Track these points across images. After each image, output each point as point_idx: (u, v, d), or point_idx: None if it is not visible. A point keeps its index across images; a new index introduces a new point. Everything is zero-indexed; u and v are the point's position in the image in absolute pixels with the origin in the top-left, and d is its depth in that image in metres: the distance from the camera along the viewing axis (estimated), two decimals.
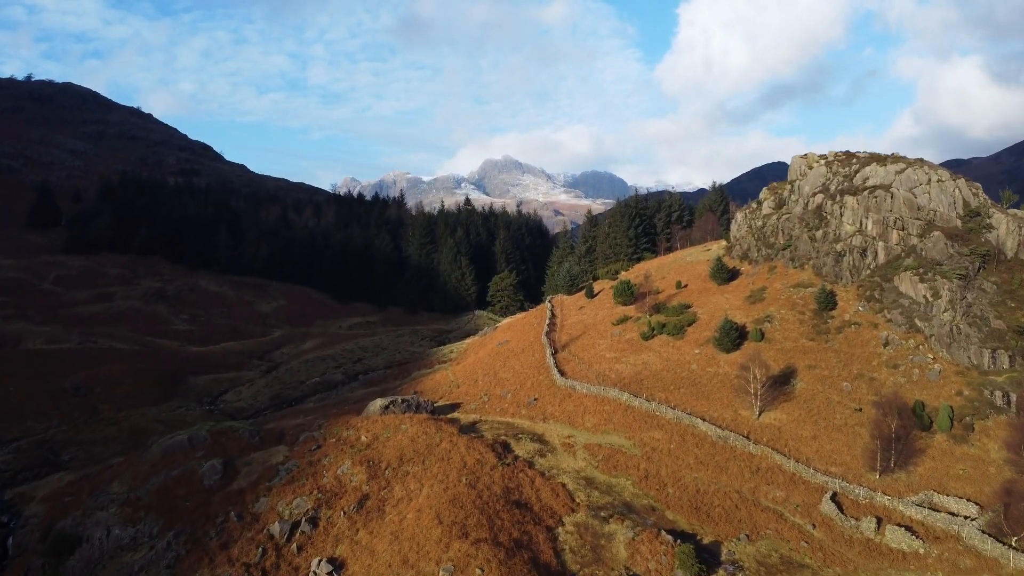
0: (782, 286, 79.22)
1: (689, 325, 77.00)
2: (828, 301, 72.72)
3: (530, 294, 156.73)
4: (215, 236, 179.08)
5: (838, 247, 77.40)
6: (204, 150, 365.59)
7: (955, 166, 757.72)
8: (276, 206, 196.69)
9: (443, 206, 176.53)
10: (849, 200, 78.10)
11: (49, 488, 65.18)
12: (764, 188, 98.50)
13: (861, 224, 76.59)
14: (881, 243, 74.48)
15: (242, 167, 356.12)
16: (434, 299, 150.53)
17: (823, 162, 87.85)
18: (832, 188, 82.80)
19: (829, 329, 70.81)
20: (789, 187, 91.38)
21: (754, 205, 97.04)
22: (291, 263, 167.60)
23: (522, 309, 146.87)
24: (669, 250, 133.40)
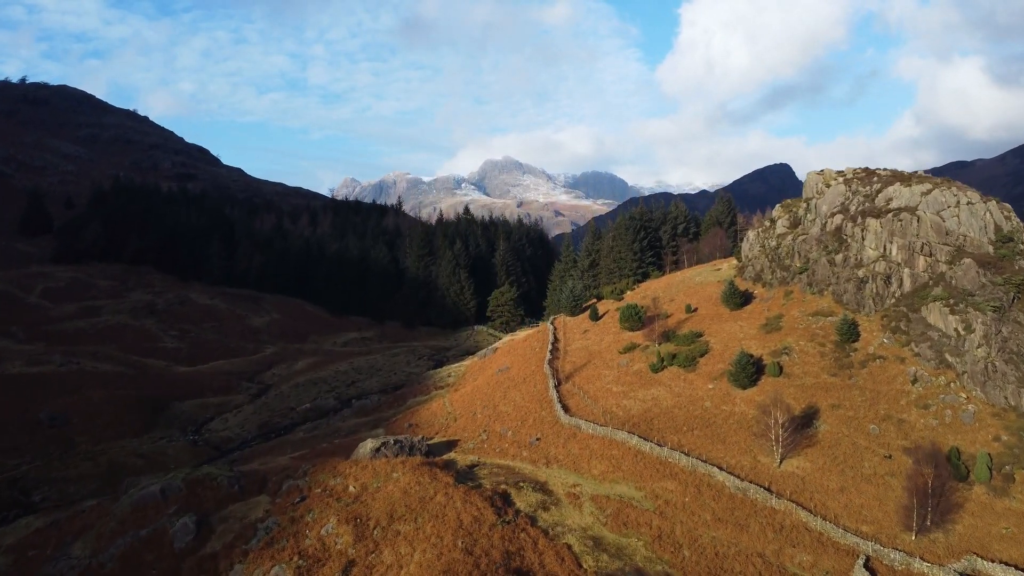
0: (800, 314, 74.52)
1: (701, 356, 72.33)
2: (850, 332, 68.04)
3: (531, 308, 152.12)
4: (208, 246, 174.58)
5: (860, 273, 72.71)
6: (201, 153, 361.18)
7: (958, 168, 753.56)
8: (271, 214, 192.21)
9: (441, 216, 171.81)
10: (872, 223, 73.40)
11: (15, 536, 60.34)
12: (777, 205, 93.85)
13: (885, 249, 71.91)
14: (907, 270, 69.81)
15: (239, 171, 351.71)
16: (432, 313, 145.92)
17: (841, 180, 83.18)
18: (852, 209, 78.10)
19: (852, 363, 66.14)
20: (804, 205, 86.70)
21: (767, 223, 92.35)
22: (286, 275, 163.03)
23: (523, 324, 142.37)
24: (676, 264, 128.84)
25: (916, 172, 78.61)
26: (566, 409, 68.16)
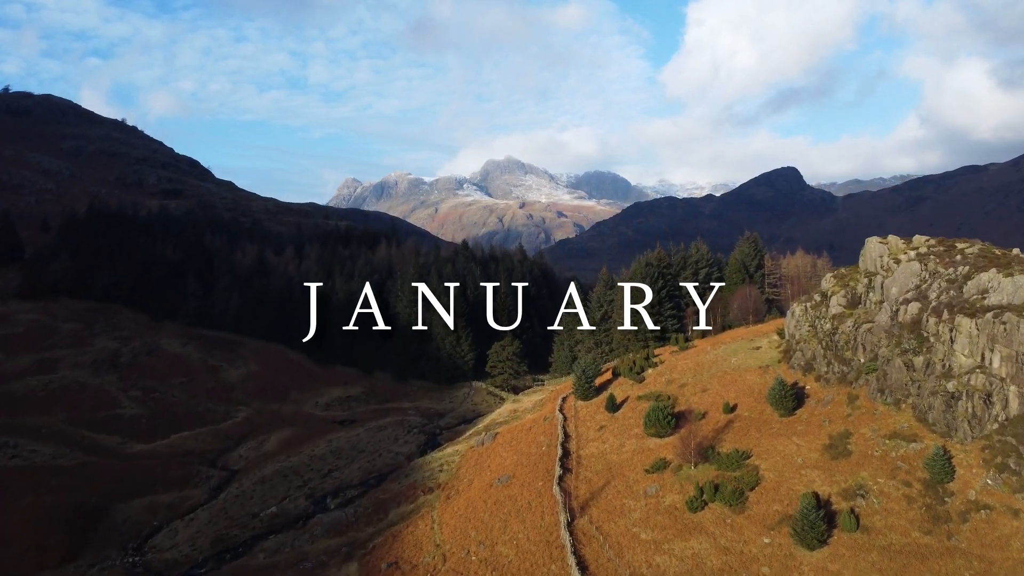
0: (873, 434, 60.00)
1: (751, 489, 57.94)
2: (944, 470, 53.57)
3: (535, 359, 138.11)
4: (183, 283, 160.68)
5: (949, 386, 58.14)
6: (190, 167, 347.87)
7: (971, 173, 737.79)
8: (254, 245, 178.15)
9: (438, 252, 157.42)
10: (963, 322, 58.83)
11: None
12: (829, 276, 79.32)
13: (983, 357, 57.35)
14: (1013, 387, 55.24)
15: (229, 185, 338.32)
16: (425, 366, 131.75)
17: (913, 254, 68.62)
18: (932, 297, 63.55)
19: (949, 515, 51.64)
20: (866, 281, 72.14)
21: (817, 298, 77.79)
22: (266, 317, 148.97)
23: (525, 378, 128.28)
24: (697, 317, 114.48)
25: (1014, 252, 64.06)
26: (583, 567, 53.76)
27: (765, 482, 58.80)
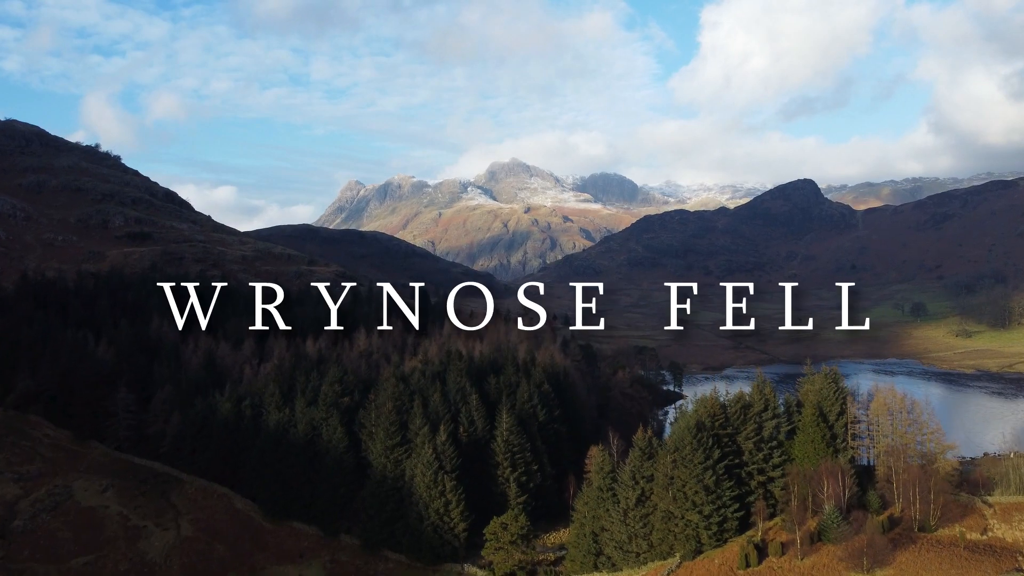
0: None
1: None
2: None
3: (545, 510, 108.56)
4: (115, 392, 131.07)
5: None
6: (166, 201, 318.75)
7: (1001, 188, 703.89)
8: (208, 336, 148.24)
9: (425, 360, 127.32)
10: None
11: None
12: None
13: None
14: None
15: (206, 221, 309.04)
16: (404, 535, 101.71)
17: None
18: None
19: None
20: None
21: None
22: (210, 448, 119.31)
23: (530, 549, 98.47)
24: (771, 503, 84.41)
25: None
26: None
27: None
